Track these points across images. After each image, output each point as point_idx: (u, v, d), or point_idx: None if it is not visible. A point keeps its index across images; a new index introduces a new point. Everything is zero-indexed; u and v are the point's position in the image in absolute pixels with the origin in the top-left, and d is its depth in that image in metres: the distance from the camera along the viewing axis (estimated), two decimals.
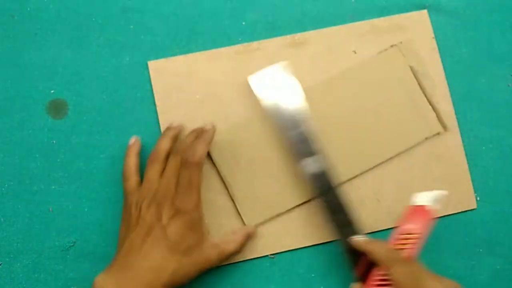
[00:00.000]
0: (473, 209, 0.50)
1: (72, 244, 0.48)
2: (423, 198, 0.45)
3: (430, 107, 0.50)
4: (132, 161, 0.46)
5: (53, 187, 0.48)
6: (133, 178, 0.45)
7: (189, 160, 0.42)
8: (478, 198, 0.50)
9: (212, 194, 0.48)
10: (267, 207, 0.48)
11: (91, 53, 0.50)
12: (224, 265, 0.48)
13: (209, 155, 0.48)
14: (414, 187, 0.49)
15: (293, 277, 0.48)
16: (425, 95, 0.50)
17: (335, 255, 0.48)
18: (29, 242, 0.48)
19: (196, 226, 0.42)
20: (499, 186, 0.50)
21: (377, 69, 0.50)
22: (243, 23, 0.51)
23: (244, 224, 0.48)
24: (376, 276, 0.43)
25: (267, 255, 0.48)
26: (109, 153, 0.49)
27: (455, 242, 0.50)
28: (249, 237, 0.47)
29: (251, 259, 0.48)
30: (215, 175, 0.49)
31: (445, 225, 0.49)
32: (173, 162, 0.44)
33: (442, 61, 0.51)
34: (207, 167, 0.48)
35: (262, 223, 0.48)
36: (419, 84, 0.50)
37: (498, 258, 0.49)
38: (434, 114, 0.50)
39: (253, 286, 0.48)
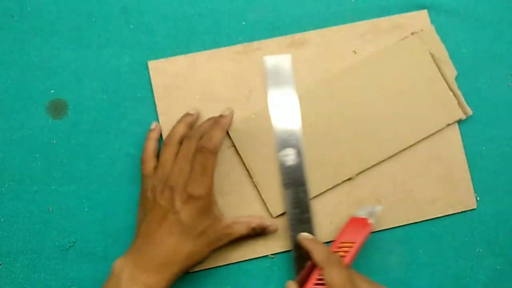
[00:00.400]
0: (473, 209, 0.50)
1: (72, 244, 0.48)
2: (363, 212, 0.47)
3: (451, 93, 0.50)
4: (151, 145, 0.47)
5: (53, 187, 0.48)
6: (150, 162, 0.46)
7: (205, 146, 0.42)
8: (478, 198, 0.50)
9: (237, 182, 0.49)
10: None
11: (91, 53, 0.50)
12: (224, 265, 0.48)
13: (232, 144, 0.49)
14: (414, 187, 0.49)
15: (293, 277, 0.48)
16: (446, 82, 0.50)
17: None
18: (29, 242, 0.48)
19: (208, 210, 0.43)
20: (499, 186, 0.50)
21: (397, 57, 0.50)
22: (243, 23, 0.51)
23: (269, 213, 0.48)
24: (313, 279, 0.43)
25: (267, 255, 0.48)
26: (109, 153, 0.49)
27: (455, 242, 0.50)
28: (264, 230, 0.47)
29: (251, 259, 0.48)
30: (239, 163, 0.49)
31: (445, 225, 0.50)
32: (186, 147, 0.44)
33: None
34: (231, 155, 0.49)
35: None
36: (439, 71, 0.50)
37: (498, 258, 0.49)
38: (455, 101, 0.50)
39: (253, 286, 0.48)
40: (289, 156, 0.48)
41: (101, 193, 0.48)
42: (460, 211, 0.50)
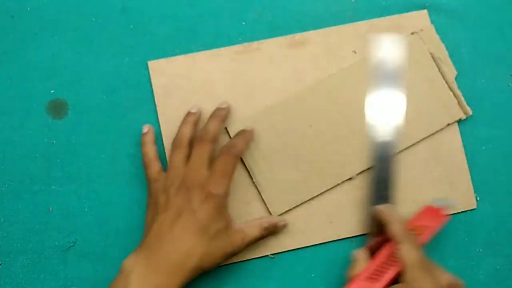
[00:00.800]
0: (473, 209, 0.50)
1: (72, 244, 0.48)
2: (438, 202, 0.47)
3: (451, 93, 0.50)
4: (150, 149, 0.47)
5: (53, 187, 0.48)
6: (154, 165, 0.46)
7: (231, 151, 0.44)
8: (478, 198, 0.50)
9: (239, 183, 0.49)
10: (291, 195, 0.48)
11: (91, 53, 0.50)
12: (224, 265, 0.48)
13: None
14: (414, 187, 0.49)
15: (293, 277, 0.48)
16: (446, 82, 0.50)
17: (335, 255, 0.48)
18: (29, 242, 0.48)
19: (224, 211, 0.43)
20: (499, 186, 0.50)
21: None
22: (243, 23, 0.51)
23: (269, 212, 0.48)
24: (384, 252, 0.43)
25: (267, 255, 0.48)
26: (109, 153, 0.49)
27: (455, 242, 0.50)
28: (276, 227, 0.47)
29: (251, 259, 0.48)
30: (240, 165, 0.49)
31: (445, 225, 0.49)
32: (200, 149, 0.45)
33: None
34: None
35: (287, 212, 0.48)
36: (439, 70, 0.50)
37: (498, 258, 0.49)
38: (455, 100, 0.50)
39: (253, 286, 0.48)
40: (379, 131, 0.48)
41: (101, 193, 0.48)
42: (460, 211, 0.50)
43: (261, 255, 0.48)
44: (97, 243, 0.48)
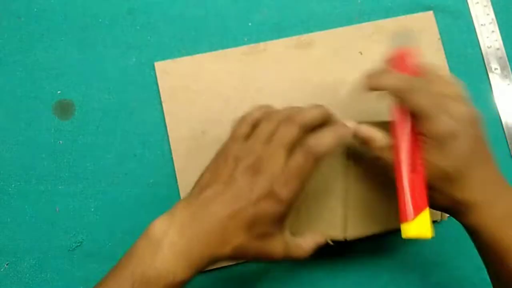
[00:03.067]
0: None
1: (78, 244, 0.48)
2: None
3: None
4: (257, 113, 0.41)
5: (60, 187, 0.48)
6: (245, 127, 0.40)
7: (311, 148, 0.37)
8: None
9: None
10: None
11: (98, 53, 0.50)
12: (224, 265, 0.48)
13: None
14: None
15: (294, 277, 0.48)
16: None
17: (335, 255, 0.48)
18: (35, 242, 0.48)
19: (279, 220, 0.38)
20: None
21: None
22: (249, 24, 0.51)
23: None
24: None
25: None
26: (116, 153, 0.49)
27: (460, 242, 0.49)
28: (318, 246, 0.42)
29: None
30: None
31: (450, 225, 0.49)
32: (285, 129, 0.38)
33: (448, 63, 0.51)
34: None
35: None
36: None
37: None
38: None
39: (253, 286, 0.48)
40: None
41: (107, 193, 0.48)
42: None
43: None
44: (104, 243, 0.48)
